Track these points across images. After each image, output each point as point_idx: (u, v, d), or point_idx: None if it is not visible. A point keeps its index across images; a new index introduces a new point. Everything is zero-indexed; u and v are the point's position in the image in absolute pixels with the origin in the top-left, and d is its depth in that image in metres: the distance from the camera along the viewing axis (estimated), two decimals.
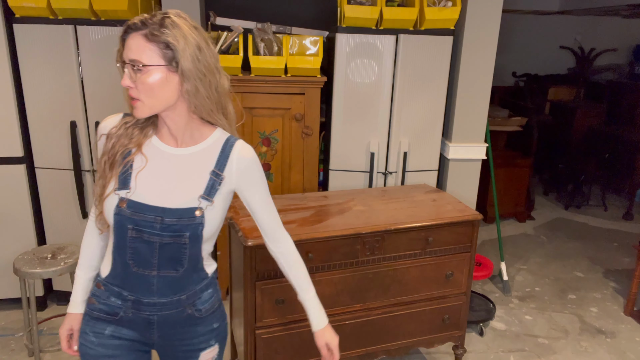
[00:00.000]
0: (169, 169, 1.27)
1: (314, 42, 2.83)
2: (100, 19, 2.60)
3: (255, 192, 1.35)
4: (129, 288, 1.28)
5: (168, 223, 1.23)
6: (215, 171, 1.27)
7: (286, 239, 1.45)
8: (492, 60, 2.82)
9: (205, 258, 1.34)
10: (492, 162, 3.33)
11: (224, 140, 1.30)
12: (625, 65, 5.77)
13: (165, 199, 1.24)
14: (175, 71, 1.17)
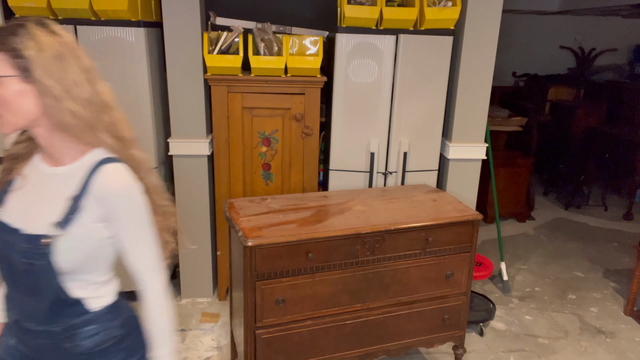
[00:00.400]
0: (37, 190, 1.19)
1: (314, 42, 2.83)
2: (100, 19, 2.60)
3: (122, 227, 1.18)
4: (11, 307, 1.24)
5: (23, 248, 1.13)
6: (74, 197, 1.14)
7: (153, 282, 1.24)
8: (492, 60, 2.82)
9: (81, 291, 1.19)
10: (492, 162, 3.33)
11: (93, 164, 1.16)
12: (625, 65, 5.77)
13: (24, 221, 1.16)
14: (31, 83, 1.07)
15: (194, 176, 2.94)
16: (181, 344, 2.74)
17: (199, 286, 3.14)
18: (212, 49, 2.72)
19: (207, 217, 3.01)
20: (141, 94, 2.73)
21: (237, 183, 2.92)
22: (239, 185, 2.92)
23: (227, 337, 2.79)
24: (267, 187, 2.96)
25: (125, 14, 2.55)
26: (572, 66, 5.76)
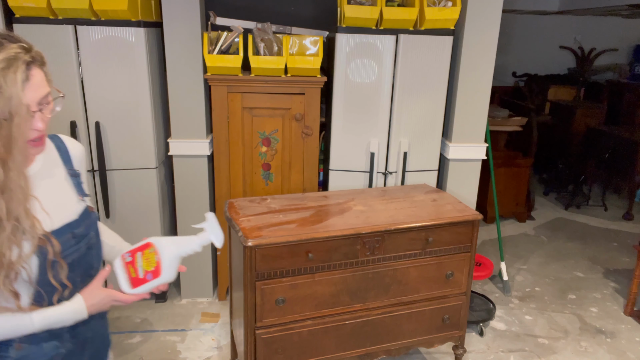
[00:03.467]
0: (43, 190, 1.18)
1: (314, 42, 2.83)
2: (100, 19, 2.60)
3: (83, 176, 1.33)
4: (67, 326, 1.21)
5: (79, 233, 1.22)
6: (70, 170, 1.27)
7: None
8: (492, 60, 2.82)
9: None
10: (492, 162, 3.33)
11: (49, 140, 1.26)
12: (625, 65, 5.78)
13: (63, 216, 1.21)
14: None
15: (194, 176, 2.94)
16: (181, 344, 2.74)
17: (199, 286, 3.14)
18: (212, 49, 2.72)
19: None
20: (141, 94, 2.73)
21: (237, 183, 2.92)
22: (239, 185, 2.92)
23: (227, 337, 2.79)
24: (267, 187, 2.96)
25: (125, 14, 2.55)
26: (572, 66, 5.77)
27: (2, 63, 1.00)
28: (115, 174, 2.83)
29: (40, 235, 1.12)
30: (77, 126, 2.73)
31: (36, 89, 1.06)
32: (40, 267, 1.13)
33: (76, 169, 1.29)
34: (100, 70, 2.66)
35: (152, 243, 1.25)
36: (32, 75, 1.05)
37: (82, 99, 2.70)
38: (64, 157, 1.28)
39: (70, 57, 2.62)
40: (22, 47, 1.04)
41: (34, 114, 1.07)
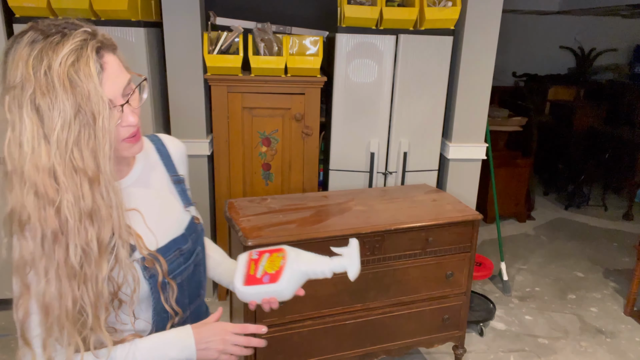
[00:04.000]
0: (143, 202, 1.05)
1: (314, 42, 2.83)
2: (100, 19, 2.60)
3: (186, 180, 1.20)
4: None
5: (186, 249, 1.09)
6: (173, 176, 1.13)
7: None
8: (492, 60, 2.82)
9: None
10: (492, 162, 3.33)
11: (150, 142, 1.13)
12: (625, 65, 5.77)
13: (168, 230, 1.07)
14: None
15: (194, 176, 2.94)
16: None
17: None
18: (212, 49, 2.72)
19: (207, 217, 3.01)
20: None
21: (237, 183, 2.92)
22: (239, 185, 2.92)
23: None
24: (267, 187, 2.96)
25: (125, 14, 2.55)
26: (572, 66, 5.77)
27: (69, 56, 0.81)
28: None
29: (146, 255, 0.98)
30: None
31: (115, 78, 0.88)
32: (152, 292, 0.99)
33: (180, 174, 1.14)
34: None
35: (285, 249, 1.12)
36: (106, 63, 0.87)
37: None
38: (166, 160, 1.12)
39: None
40: (86, 32, 0.85)
41: (121, 108, 0.89)
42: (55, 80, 0.80)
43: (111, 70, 0.87)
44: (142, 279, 0.98)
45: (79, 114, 0.82)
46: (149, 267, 0.98)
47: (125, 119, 0.90)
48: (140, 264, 0.98)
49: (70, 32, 0.84)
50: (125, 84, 0.90)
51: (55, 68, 0.80)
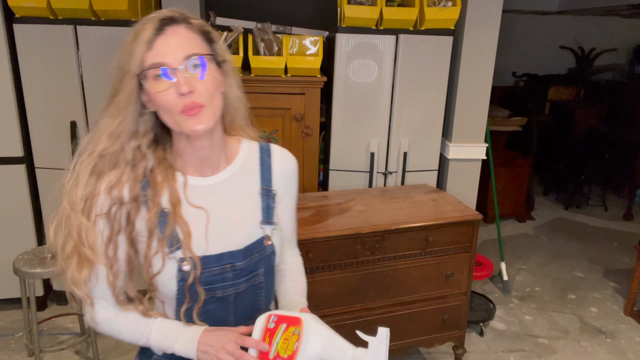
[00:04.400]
0: (215, 205, 1.03)
1: (314, 42, 2.83)
2: (100, 19, 2.60)
3: (289, 199, 1.16)
4: None
5: (240, 267, 1.03)
6: (264, 189, 1.08)
7: (296, 253, 1.25)
8: (492, 60, 2.82)
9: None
10: (492, 162, 3.33)
11: (257, 150, 1.11)
12: (625, 65, 5.77)
13: (227, 241, 1.03)
14: (217, 66, 0.97)
15: None
16: None
17: None
18: None
19: None
20: None
21: None
22: None
23: None
24: None
25: (125, 14, 2.55)
26: (572, 66, 5.76)
27: (144, 21, 0.92)
28: None
29: (187, 258, 0.98)
30: (77, 126, 2.73)
31: (173, 44, 0.91)
32: (177, 294, 1.00)
33: (273, 189, 1.09)
34: (100, 70, 2.66)
35: (303, 323, 0.99)
36: (168, 31, 0.92)
37: (82, 99, 2.70)
38: (264, 171, 1.09)
39: (70, 57, 2.62)
40: (171, 10, 0.94)
41: (174, 71, 0.91)
42: (128, 35, 0.93)
43: (172, 37, 0.92)
44: (174, 279, 0.98)
45: (121, 64, 0.94)
46: (184, 271, 0.98)
47: (178, 87, 0.91)
48: (177, 264, 0.98)
49: (159, 11, 0.94)
50: (188, 53, 0.92)
51: (132, 30, 0.93)
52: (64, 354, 2.64)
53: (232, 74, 1.01)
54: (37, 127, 2.74)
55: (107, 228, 0.97)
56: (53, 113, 2.71)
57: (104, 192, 0.96)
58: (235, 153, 1.09)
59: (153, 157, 1.01)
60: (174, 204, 0.99)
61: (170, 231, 0.98)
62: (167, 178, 1.00)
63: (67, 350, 2.65)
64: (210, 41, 0.97)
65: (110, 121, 0.96)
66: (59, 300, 3.06)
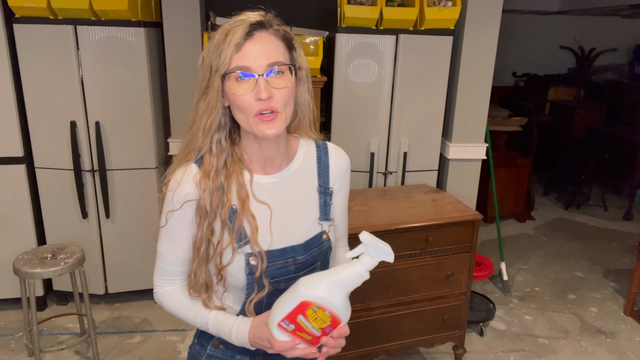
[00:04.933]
0: (277, 202, 1.09)
1: (314, 42, 2.83)
2: (100, 19, 2.60)
3: (341, 195, 1.22)
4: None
5: (301, 261, 1.08)
6: (322, 186, 1.15)
7: (347, 250, 1.29)
8: (492, 60, 2.82)
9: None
10: (492, 162, 3.33)
11: (314, 148, 1.16)
12: (625, 65, 5.77)
13: (288, 236, 1.09)
14: (294, 75, 1.02)
15: None
16: (181, 344, 2.74)
17: None
18: None
19: None
20: (141, 94, 2.73)
21: None
22: None
23: None
24: None
25: (125, 14, 2.55)
26: (572, 66, 5.76)
27: (234, 22, 0.99)
28: (116, 174, 2.83)
29: (255, 252, 1.04)
30: (77, 126, 2.73)
31: (259, 50, 0.96)
32: (247, 287, 1.05)
33: (330, 186, 1.16)
34: (100, 70, 2.66)
35: (311, 301, 0.95)
36: (256, 36, 0.97)
37: (82, 99, 2.70)
38: (322, 169, 1.16)
39: (70, 57, 2.62)
40: (259, 14, 1.00)
41: (257, 78, 0.96)
42: (217, 34, 0.99)
43: (259, 42, 0.97)
44: (243, 272, 1.04)
45: (211, 62, 0.97)
46: (252, 265, 1.04)
47: (257, 91, 0.96)
48: (246, 258, 1.04)
49: (247, 13, 1.00)
50: (272, 61, 0.97)
51: (222, 29, 0.99)
52: (64, 354, 2.64)
53: (305, 81, 1.07)
54: (37, 127, 2.74)
55: (190, 215, 1.05)
56: (53, 113, 2.71)
57: (193, 182, 1.03)
58: (295, 151, 1.14)
59: (229, 149, 1.07)
60: (242, 200, 1.05)
61: (239, 226, 1.04)
62: (235, 172, 1.06)
63: (67, 350, 2.66)
64: (291, 48, 1.03)
65: (205, 119, 1.01)
66: (59, 300, 3.07)
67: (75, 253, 2.43)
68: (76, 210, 2.86)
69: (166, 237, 1.09)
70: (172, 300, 1.12)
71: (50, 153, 2.78)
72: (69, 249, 2.48)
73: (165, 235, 1.09)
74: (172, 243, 1.09)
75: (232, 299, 1.11)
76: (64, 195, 2.85)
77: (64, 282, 2.95)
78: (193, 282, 1.09)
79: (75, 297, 2.67)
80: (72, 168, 2.78)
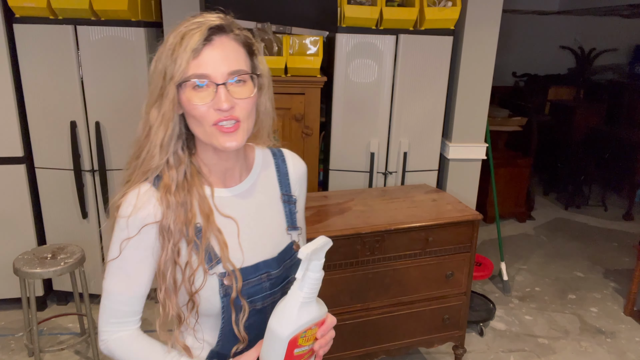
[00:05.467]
0: (243, 215, 1.02)
1: (314, 42, 2.83)
2: (100, 19, 2.60)
3: (302, 202, 1.15)
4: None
5: (275, 275, 1.02)
6: (285, 195, 1.08)
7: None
8: (492, 60, 2.82)
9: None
10: (492, 162, 3.33)
11: (270, 156, 1.10)
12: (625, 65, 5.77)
13: (260, 250, 1.02)
14: (256, 84, 0.95)
15: None
16: None
17: None
18: None
19: None
20: (141, 94, 2.73)
21: None
22: None
23: None
24: None
25: (125, 14, 2.55)
26: (572, 66, 5.76)
27: (191, 25, 0.89)
28: (115, 174, 2.83)
29: (229, 271, 0.96)
30: (77, 126, 2.73)
31: (218, 56, 0.88)
32: (223, 310, 0.96)
33: (293, 194, 1.10)
34: (100, 70, 2.66)
35: (297, 335, 0.92)
36: (216, 41, 0.89)
37: (82, 99, 2.70)
38: (282, 177, 1.09)
39: (70, 57, 2.62)
40: (219, 17, 0.91)
41: (217, 87, 0.88)
42: (171, 37, 0.89)
43: (219, 48, 0.89)
44: (217, 295, 0.95)
45: (165, 69, 0.89)
46: (226, 285, 0.95)
47: (217, 101, 0.88)
48: (219, 279, 0.95)
49: (205, 15, 0.91)
50: (233, 69, 0.89)
51: (177, 31, 0.89)
52: (64, 354, 2.64)
53: (267, 89, 0.99)
54: (37, 127, 2.74)
55: (150, 241, 0.95)
56: (53, 113, 2.71)
57: (151, 202, 0.94)
58: (252, 160, 1.07)
59: (187, 161, 0.98)
60: (206, 215, 0.96)
61: (207, 244, 0.95)
62: (195, 186, 0.97)
63: (67, 350, 2.66)
64: (252, 54, 0.96)
65: (161, 133, 0.93)
66: (59, 300, 3.06)
67: (75, 253, 2.43)
68: (76, 210, 2.86)
69: (119, 270, 0.97)
70: (127, 348, 0.99)
71: (50, 153, 2.78)
72: (69, 249, 2.48)
73: (117, 268, 0.96)
74: (127, 277, 0.97)
75: (206, 330, 1.02)
76: (64, 195, 2.85)
77: (64, 282, 2.95)
78: (162, 318, 0.96)
79: (75, 297, 2.67)
80: (72, 168, 2.78)
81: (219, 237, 0.96)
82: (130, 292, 0.97)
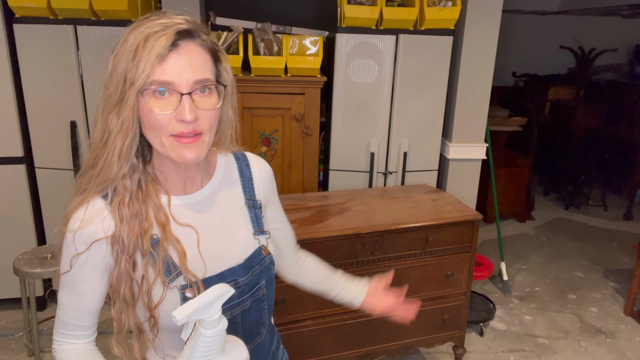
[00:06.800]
0: (204, 223, 0.97)
1: (314, 42, 2.83)
2: (100, 19, 2.60)
3: (275, 205, 1.13)
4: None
5: (243, 283, 0.97)
6: (249, 200, 1.04)
7: (308, 253, 1.27)
8: (492, 60, 2.82)
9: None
10: (492, 162, 3.33)
11: (233, 160, 1.06)
12: (625, 65, 5.77)
13: (224, 258, 0.97)
14: (219, 92, 0.90)
15: None
16: None
17: None
18: None
19: None
20: None
21: None
22: None
23: None
24: None
25: (125, 14, 2.55)
26: (572, 66, 5.76)
27: (156, 27, 0.83)
28: None
29: (192, 282, 0.91)
30: (77, 126, 2.73)
31: (184, 64, 0.83)
32: (185, 325, 0.90)
33: (257, 199, 1.05)
34: (100, 70, 2.66)
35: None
36: (182, 47, 0.84)
37: (82, 99, 2.70)
38: (246, 181, 1.05)
39: (70, 57, 2.62)
40: (185, 20, 0.86)
41: (180, 97, 0.83)
42: (132, 37, 0.83)
43: (185, 55, 0.84)
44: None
45: (125, 72, 0.84)
46: (189, 297, 0.90)
47: (180, 112, 0.83)
48: (180, 292, 0.90)
49: (171, 15, 0.86)
50: (200, 78, 0.85)
51: (140, 31, 0.83)
52: None
53: (230, 97, 0.94)
54: (37, 127, 2.74)
55: (99, 256, 0.90)
56: (53, 113, 2.71)
57: (101, 216, 0.89)
58: (214, 166, 1.03)
59: (142, 168, 0.92)
60: (162, 224, 0.92)
61: (164, 255, 0.90)
62: (151, 195, 0.92)
63: None
64: (217, 60, 0.91)
65: (119, 142, 0.86)
66: None
67: None
68: None
69: (68, 285, 0.92)
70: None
71: (50, 153, 2.78)
72: None
73: (67, 283, 0.92)
74: (76, 292, 0.93)
75: (170, 346, 0.97)
76: (64, 195, 2.82)
77: None
78: (116, 332, 0.93)
79: None
80: (72, 168, 2.78)
81: (177, 246, 0.92)
82: (79, 307, 0.95)
